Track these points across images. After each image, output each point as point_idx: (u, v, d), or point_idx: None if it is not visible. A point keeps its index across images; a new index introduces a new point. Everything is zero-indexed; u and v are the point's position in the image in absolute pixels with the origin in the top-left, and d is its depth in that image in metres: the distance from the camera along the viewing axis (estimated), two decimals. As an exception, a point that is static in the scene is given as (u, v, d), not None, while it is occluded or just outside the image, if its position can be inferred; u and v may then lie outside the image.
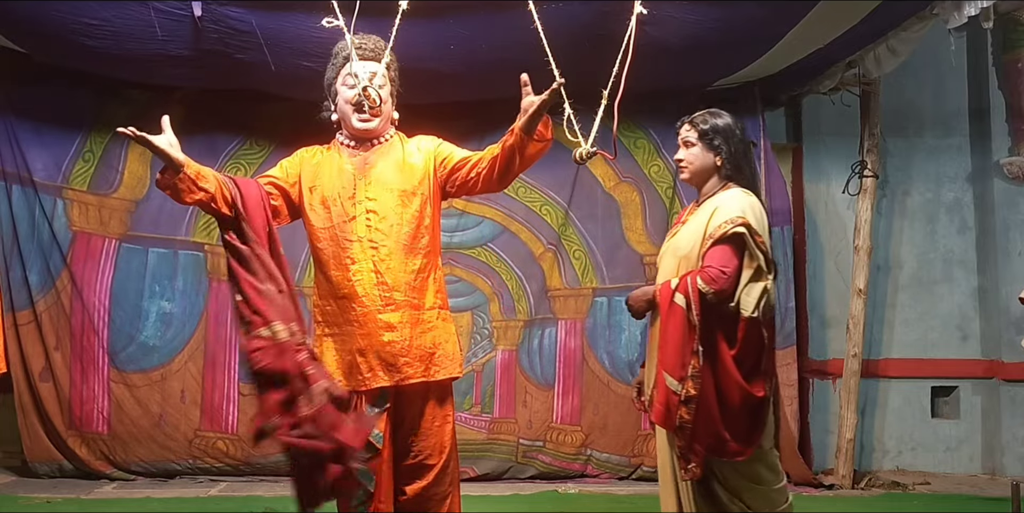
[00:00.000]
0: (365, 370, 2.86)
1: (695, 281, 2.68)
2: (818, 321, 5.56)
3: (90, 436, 4.96)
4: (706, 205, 2.85)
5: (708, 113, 2.96)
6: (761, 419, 2.75)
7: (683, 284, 2.72)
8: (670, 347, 2.72)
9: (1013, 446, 5.36)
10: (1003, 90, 5.49)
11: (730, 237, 2.70)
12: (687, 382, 2.67)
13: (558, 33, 3.08)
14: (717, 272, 2.68)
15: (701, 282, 2.67)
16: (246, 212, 2.80)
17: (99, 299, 5.01)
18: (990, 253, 5.52)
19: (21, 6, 4.10)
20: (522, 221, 5.22)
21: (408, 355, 2.87)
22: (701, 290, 2.66)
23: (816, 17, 4.16)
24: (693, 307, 2.67)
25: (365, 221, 2.89)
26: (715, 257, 2.70)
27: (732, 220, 2.70)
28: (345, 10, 2.87)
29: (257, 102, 5.10)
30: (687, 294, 2.68)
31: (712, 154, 2.89)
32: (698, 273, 2.71)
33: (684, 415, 2.67)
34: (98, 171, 5.07)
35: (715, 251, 2.71)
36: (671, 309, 2.72)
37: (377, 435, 2.87)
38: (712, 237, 2.72)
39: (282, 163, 3.04)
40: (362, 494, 2.86)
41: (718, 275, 2.67)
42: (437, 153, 2.99)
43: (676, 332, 2.70)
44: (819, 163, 5.61)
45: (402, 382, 2.86)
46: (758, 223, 2.74)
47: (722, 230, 2.70)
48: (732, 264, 2.69)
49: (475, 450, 5.04)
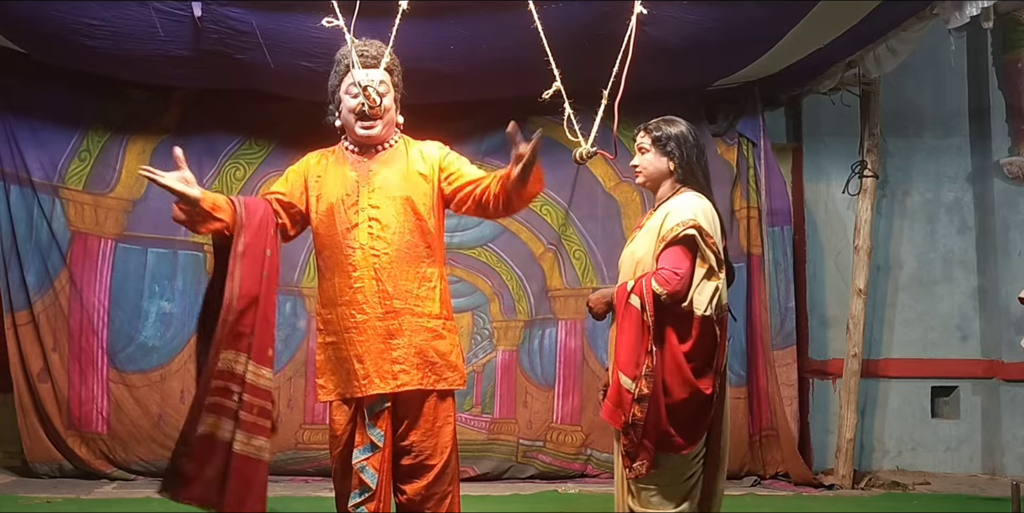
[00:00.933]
0: (362, 376, 2.87)
1: (649, 283, 2.76)
2: (818, 321, 5.56)
3: (89, 436, 4.95)
4: (660, 210, 2.93)
5: (662, 120, 3.02)
6: (707, 416, 2.83)
7: (638, 286, 2.80)
8: (624, 346, 2.80)
9: (1013, 446, 5.36)
10: (1003, 90, 5.50)
11: (682, 239, 2.78)
12: (640, 381, 2.74)
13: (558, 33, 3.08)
14: (670, 273, 2.75)
15: (655, 284, 2.75)
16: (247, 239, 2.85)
17: (98, 299, 5.00)
18: (990, 253, 5.52)
19: (21, 6, 4.10)
20: (522, 221, 5.21)
21: (406, 363, 2.88)
22: (655, 291, 2.74)
23: (816, 17, 4.16)
24: (647, 308, 2.75)
25: (367, 229, 2.89)
26: (668, 259, 2.78)
27: (683, 223, 2.78)
28: (345, 10, 2.87)
29: (257, 102, 5.09)
30: (641, 295, 2.77)
31: (666, 159, 2.96)
32: (652, 275, 2.79)
33: (636, 413, 2.74)
34: (94, 170, 5.05)
35: (668, 253, 2.79)
36: (626, 310, 2.80)
37: (378, 434, 2.87)
38: (664, 239, 2.80)
39: (288, 175, 3.05)
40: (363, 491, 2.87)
41: (671, 276, 2.75)
42: (443, 165, 2.98)
43: (631, 332, 2.79)
44: (819, 163, 5.61)
45: (398, 389, 2.87)
46: (710, 225, 2.81)
47: (674, 232, 2.78)
48: (684, 265, 2.77)
49: (475, 450, 5.03)
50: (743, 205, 5.24)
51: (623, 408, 2.77)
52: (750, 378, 5.16)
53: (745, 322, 5.17)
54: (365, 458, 2.87)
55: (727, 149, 5.28)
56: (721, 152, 5.28)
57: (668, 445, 2.77)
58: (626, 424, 2.76)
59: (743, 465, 5.13)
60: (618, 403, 2.79)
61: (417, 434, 2.91)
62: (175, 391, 5.00)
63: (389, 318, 2.89)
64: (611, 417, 2.83)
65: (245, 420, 2.78)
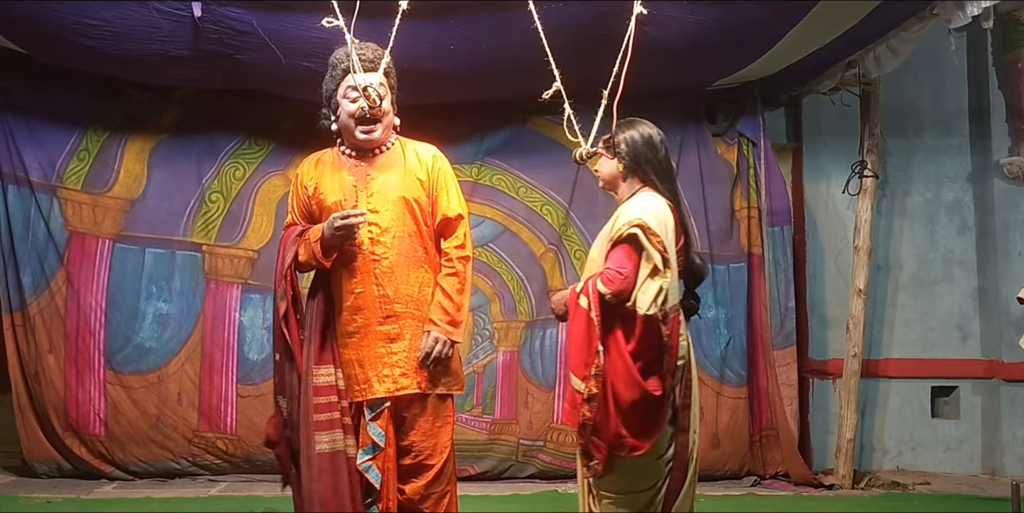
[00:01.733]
0: (362, 381, 2.90)
1: (595, 283, 2.78)
2: (818, 321, 5.56)
3: (87, 438, 4.93)
4: (616, 211, 2.95)
5: (619, 123, 2.99)
6: (659, 417, 2.81)
7: (585, 286, 2.82)
8: (574, 347, 2.82)
9: (1013, 446, 5.36)
10: (1003, 90, 5.49)
11: (626, 238, 2.79)
12: (590, 381, 2.75)
13: (558, 33, 3.08)
14: (614, 273, 2.76)
15: (599, 283, 2.77)
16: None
17: (95, 300, 4.98)
18: (990, 253, 5.52)
19: (21, 6, 4.10)
20: (523, 221, 5.21)
21: (406, 366, 2.90)
22: (600, 291, 2.76)
23: (816, 17, 4.16)
24: (593, 308, 2.76)
25: (367, 234, 2.90)
26: (613, 259, 2.80)
27: (629, 222, 2.79)
28: (345, 10, 2.87)
29: (256, 102, 5.09)
30: (589, 295, 2.78)
31: (616, 161, 2.96)
32: (598, 275, 2.80)
33: (587, 413, 2.75)
34: (93, 169, 5.03)
35: (613, 253, 2.81)
36: (576, 311, 2.82)
37: (379, 433, 2.88)
38: (612, 239, 2.82)
39: (292, 203, 3.09)
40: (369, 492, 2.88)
41: (615, 276, 2.76)
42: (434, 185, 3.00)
43: (579, 333, 2.80)
44: (819, 163, 5.61)
45: (398, 393, 2.89)
46: (658, 223, 2.80)
47: (619, 232, 2.80)
48: (628, 264, 2.77)
49: (476, 451, 5.02)
50: (743, 205, 5.24)
51: (575, 408, 2.79)
52: (750, 378, 5.16)
53: (745, 322, 5.17)
54: (369, 458, 2.88)
55: (727, 149, 5.28)
56: (721, 152, 5.28)
57: (619, 446, 2.76)
58: (579, 424, 2.78)
59: (743, 465, 5.13)
60: (572, 403, 2.82)
61: (417, 434, 2.93)
62: (172, 393, 4.98)
63: (390, 322, 2.90)
64: (568, 418, 2.86)
65: (347, 425, 2.92)
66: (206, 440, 4.97)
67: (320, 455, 2.85)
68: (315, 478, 2.85)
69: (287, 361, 2.93)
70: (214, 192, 5.11)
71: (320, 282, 3.01)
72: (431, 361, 2.89)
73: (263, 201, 5.13)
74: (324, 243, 2.88)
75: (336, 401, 2.90)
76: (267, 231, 5.09)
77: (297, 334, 2.94)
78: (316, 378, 2.90)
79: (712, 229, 5.19)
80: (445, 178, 3.02)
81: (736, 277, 5.19)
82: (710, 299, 5.18)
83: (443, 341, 2.90)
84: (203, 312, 5.05)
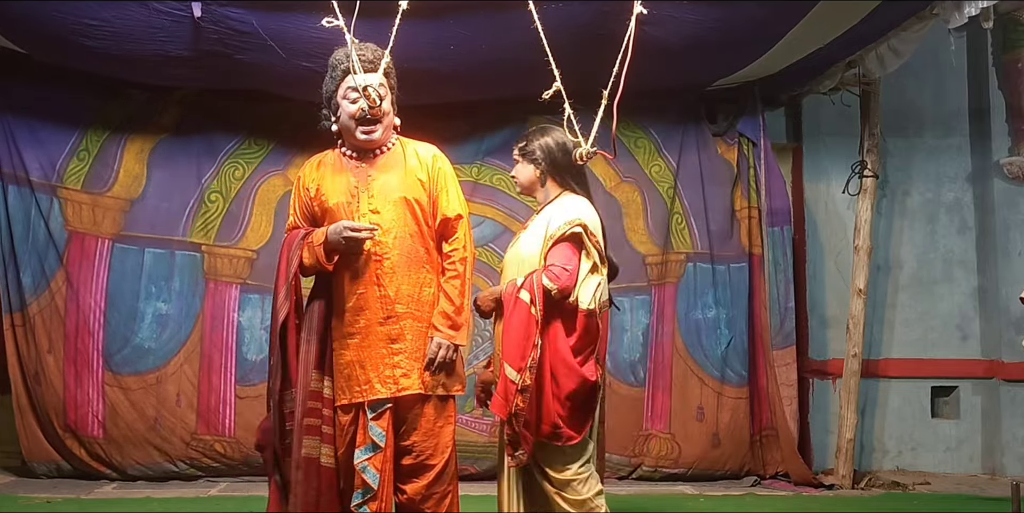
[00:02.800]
0: (363, 381, 2.90)
1: (539, 279, 2.86)
2: (818, 321, 5.56)
3: (86, 440, 4.91)
4: (544, 212, 3.05)
5: (532, 130, 3.16)
6: (592, 405, 2.95)
7: (528, 282, 2.89)
8: (513, 340, 2.88)
9: (1013, 446, 5.36)
10: (1003, 90, 5.49)
11: (569, 236, 2.91)
12: (525, 372, 2.83)
13: (558, 33, 3.08)
14: (560, 270, 2.87)
15: (546, 280, 2.86)
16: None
17: (95, 300, 4.96)
18: (990, 253, 5.51)
19: (21, 6, 4.10)
20: (523, 221, 5.17)
21: (407, 367, 2.90)
22: (546, 286, 2.85)
23: (816, 17, 4.16)
24: (537, 302, 2.84)
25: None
26: (557, 256, 2.91)
27: (569, 221, 2.91)
28: (345, 10, 2.87)
29: (256, 102, 5.09)
30: (532, 290, 2.86)
31: (532, 167, 3.07)
32: (543, 271, 2.88)
33: (519, 403, 2.83)
34: (92, 169, 5.02)
35: (556, 250, 2.91)
36: (516, 305, 2.88)
37: (380, 434, 2.88)
38: (552, 238, 2.91)
39: (294, 205, 3.09)
40: (365, 492, 2.88)
41: (561, 272, 2.87)
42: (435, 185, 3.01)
43: (519, 326, 2.86)
44: (819, 163, 5.61)
45: (399, 394, 2.90)
46: (593, 224, 2.97)
47: (561, 230, 2.91)
48: (573, 262, 2.90)
49: (477, 452, 5.01)
50: (743, 205, 5.24)
51: (507, 399, 2.85)
52: (751, 378, 5.16)
53: (745, 322, 5.16)
54: (367, 458, 2.88)
55: (727, 149, 5.28)
56: (721, 152, 5.28)
57: (555, 436, 2.87)
58: (510, 414, 2.84)
59: (743, 465, 5.13)
60: (504, 394, 2.87)
61: (418, 434, 2.93)
62: (171, 394, 4.97)
63: (391, 323, 2.91)
64: (498, 408, 2.90)
65: (326, 434, 2.94)
66: (204, 443, 4.96)
67: (305, 459, 2.90)
68: (299, 480, 2.88)
69: (278, 367, 2.94)
70: (213, 192, 5.11)
71: (321, 285, 3.01)
72: (435, 367, 2.91)
73: (262, 201, 5.13)
74: (327, 247, 2.89)
75: (319, 408, 2.93)
76: (266, 231, 5.09)
77: (295, 339, 2.95)
78: (312, 383, 2.93)
79: (712, 229, 5.19)
80: (445, 178, 3.03)
81: (736, 277, 5.19)
82: (710, 299, 5.18)
83: (447, 346, 2.91)
84: (202, 312, 5.05)
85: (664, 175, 5.25)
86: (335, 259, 2.91)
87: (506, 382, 2.86)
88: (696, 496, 4.78)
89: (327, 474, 2.93)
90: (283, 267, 2.96)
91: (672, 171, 5.23)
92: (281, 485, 2.96)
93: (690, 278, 5.19)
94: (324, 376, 2.95)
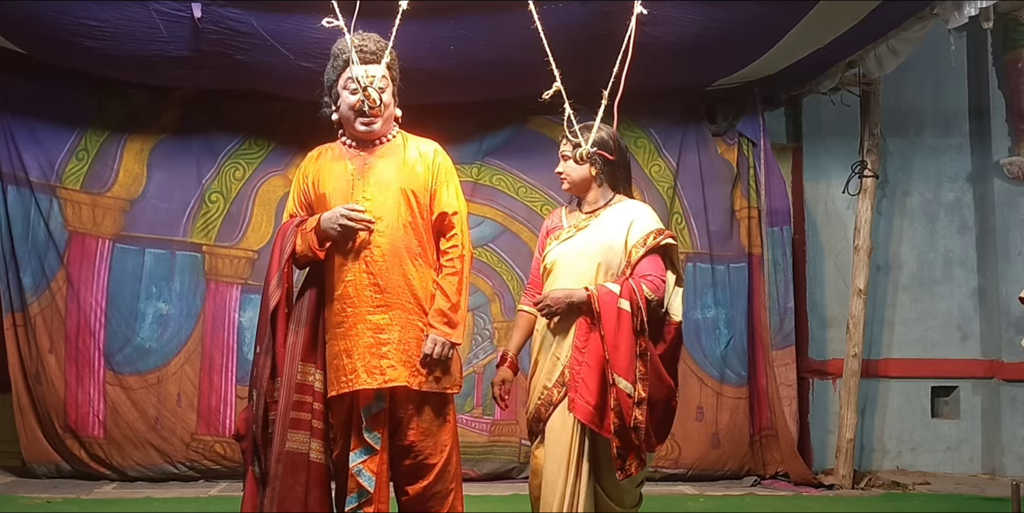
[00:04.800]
0: (349, 371, 2.86)
1: (640, 288, 2.84)
2: (818, 321, 5.56)
3: (86, 440, 4.91)
4: (609, 214, 2.96)
5: (582, 127, 2.99)
6: (674, 413, 3.01)
7: (627, 290, 2.84)
8: (623, 351, 2.82)
9: (1013, 446, 5.36)
10: (1003, 90, 5.49)
11: (662, 248, 2.90)
12: (638, 384, 2.80)
13: (558, 33, 3.08)
14: (659, 280, 2.87)
15: (647, 290, 2.84)
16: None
17: (95, 300, 4.96)
18: (990, 253, 5.51)
19: (21, 6, 4.10)
20: (523, 221, 5.21)
21: (394, 359, 2.86)
22: (647, 297, 2.83)
23: (816, 17, 4.16)
24: (640, 312, 2.82)
25: None
26: (652, 266, 2.89)
27: (659, 231, 2.92)
28: (345, 10, 2.87)
29: (256, 102, 5.09)
30: (633, 300, 2.83)
31: (588, 166, 2.97)
32: (640, 281, 2.85)
33: (638, 416, 2.79)
34: (92, 169, 5.02)
35: (650, 261, 2.89)
36: (619, 314, 2.83)
37: (376, 436, 2.87)
38: (646, 247, 2.89)
39: (293, 193, 3.08)
40: (361, 495, 2.87)
41: (660, 283, 2.87)
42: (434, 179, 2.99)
43: (626, 337, 2.82)
44: (819, 163, 5.61)
45: (386, 385, 2.85)
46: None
47: (656, 241, 2.89)
48: (665, 273, 2.91)
49: (477, 452, 5.01)
50: (743, 205, 5.25)
51: (622, 413, 2.77)
52: (751, 378, 5.16)
53: (745, 322, 5.17)
54: (361, 461, 2.86)
55: (727, 149, 5.28)
56: (721, 152, 5.28)
57: (649, 445, 2.89)
58: (625, 428, 2.78)
59: (743, 465, 5.13)
60: (614, 408, 2.79)
61: (415, 434, 2.91)
62: (171, 394, 4.97)
63: (379, 312, 2.87)
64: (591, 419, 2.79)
65: (316, 428, 2.90)
66: (204, 444, 4.95)
67: (288, 453, 2.84)
68: (278, 475, 2.83)
69: (266, 355, 2.89)
70: (214, 192, 5.11)
71: (314, 275, 3.00)
72: (430, 364, 2.88)
73: (263, 201, 5.13)
74: (319, 233, 2.87)
75: (310, 402, 2.89)
76: (267, 231, 5.08)
77: (284, 329, 2.91)
78: (300, 375, 2.88)
79: (712, 229, 5.19)
80: (445, 173, 3.01)
81: (736, 277, 5.19)
82: (710, 299, 5.18)
83: (441, 343, 2.88)
84: (203, 312, 5.05)
85: (664, 175, 5.25)
86: (327, 246, 2.89)
87: (620, 395, 2.79)
88: (696, 496, 4.78)
89: (317, 470, 2.88)
90: (276, 254, 2.94)
91: (672, 171, 5.23)
92: (259, 477, 2.89)
93: (690, 278, 5.18)
94: (316, 369, 2.91)
